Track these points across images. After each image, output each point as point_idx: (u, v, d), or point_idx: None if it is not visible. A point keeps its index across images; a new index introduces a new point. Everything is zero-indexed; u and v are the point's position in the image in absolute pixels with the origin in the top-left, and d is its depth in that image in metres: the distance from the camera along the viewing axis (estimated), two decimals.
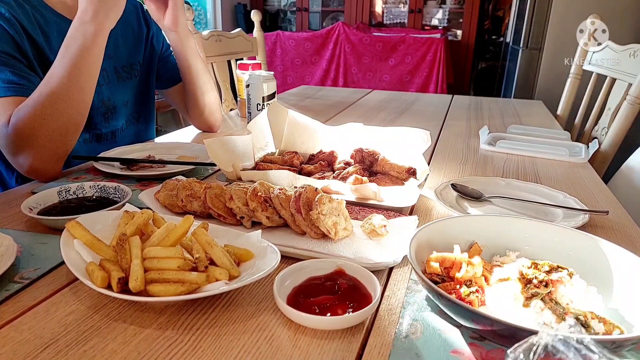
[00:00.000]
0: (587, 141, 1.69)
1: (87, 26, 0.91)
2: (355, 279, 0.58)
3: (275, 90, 1.42)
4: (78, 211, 0.74)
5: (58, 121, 0.92)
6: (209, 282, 0.55)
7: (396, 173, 0.94)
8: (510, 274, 0.56)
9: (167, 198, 0.78)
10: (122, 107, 1.24)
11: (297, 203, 0.71)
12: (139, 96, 1.31)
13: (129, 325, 0.52)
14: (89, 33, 0.91)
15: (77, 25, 0.92)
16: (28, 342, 0.49)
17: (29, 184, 0.96)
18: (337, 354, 0.49)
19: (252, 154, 1.02)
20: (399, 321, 0.54)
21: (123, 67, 1.24)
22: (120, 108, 1.23)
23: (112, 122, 1.22)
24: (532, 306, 0.52)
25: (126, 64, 1.25)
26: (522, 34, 3.11)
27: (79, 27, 0.92)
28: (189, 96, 1.31)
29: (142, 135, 1.35)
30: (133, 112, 1.30)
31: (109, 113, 1.20)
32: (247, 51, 2.23)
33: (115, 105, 1.21)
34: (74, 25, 0.92)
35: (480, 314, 0.48)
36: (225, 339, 0.51)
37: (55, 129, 0.92)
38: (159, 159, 1.06)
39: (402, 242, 0.68)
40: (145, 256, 0.57)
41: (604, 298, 0.54)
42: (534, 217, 0.81)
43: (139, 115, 1.33)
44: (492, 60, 4.94)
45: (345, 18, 5.01)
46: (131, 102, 1.28)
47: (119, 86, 1.23)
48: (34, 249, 0.68)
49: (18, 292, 0.58)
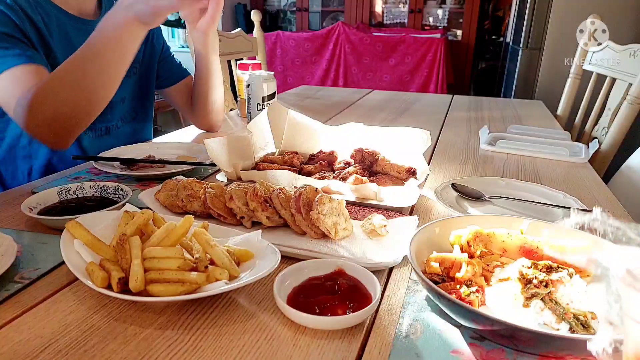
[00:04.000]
0: (587, 141, 1.69)
1: (118, 13, 0.87)
2: (355, 279, 0.58)
3: (275, 90, 1.42)
4: (78, 211, 0.74)
5: (71, 101, 0.90)
6: (209, 282, 0.55)
7: (396, 173, 0.94)
8: (510, 274, 0.56)
9: (167, 198, 0.78)
10: (119, 104, 1.24)
11: (297, 203, 0.71)
12: (137, 94, 1.31)
13: (129, 325, 0.52)
14: (117, 21, 0.87)
15: (114, 9, 0.88)
16: (28, 342, 0.49)
17: (29, 184, 0.97)
18: (337, 354, 0.49)
19: (252, 154, 1.02)
20: (399, 321, 0.54)
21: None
22: (117, 104, 1.23)
23: (107, 116, 1.22)
24: (532, 306, 0.52)
25: None
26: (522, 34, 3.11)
27: (112, 12, 0.88)
28: (199, 95, 1.31)
29: (139, 134, 1.35)
30: (130, 109, 1.30)
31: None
32: (247, 51, 2.23)
33: (111, 101, 1.22)
34: (112, 8, 0.89)
35: (480, 314, 0.48)
36: (225, 339, 0.51)
37: (67, 109, 0.91)
38: (159, 159, 1.06)
39: (402, 242, 0.68)
40: (145, 256, 0.57)
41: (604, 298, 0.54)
42: (534, 217, 0.81)
43: (135, 114, 1.33)
44: (492, 60, 4.94)
45: (345, 18, 5.01)
46: (128, 99, 1.28)
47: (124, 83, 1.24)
48: (34, 249, 0.68)
49: (18, 292, 0.58)
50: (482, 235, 0.62)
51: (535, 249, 0.59)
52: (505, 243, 0.61)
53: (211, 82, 1.28)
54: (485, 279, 0.58)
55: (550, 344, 0.46)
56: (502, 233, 0.62)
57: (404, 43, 4.36)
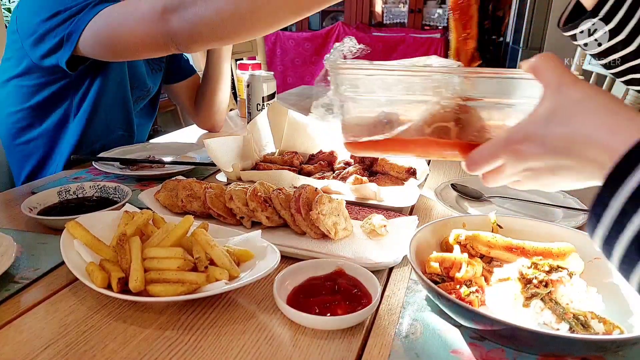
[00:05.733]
0: None
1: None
2: (355, 279, 0.58)
3: (275, 90, 1.42)
4: (78, 211, 0.74)
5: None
6: (209, 282, 0.55)
7: (396, 173, 0.94)
8: (510, 274, 0.56)
9: (167, 198, 0.78)
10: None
11: (297, 203, 0.71)
12: (158, 89, 1.34)
13: (129, 325, 0.52)
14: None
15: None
16: (28, 342, 0.49)
17: (29, 184, 0.97)
18: (337, 354, 0.49)
19: (252, 154, 1.02)
20: (399, 321, 0.54)
21: (153, 59, 1.27)
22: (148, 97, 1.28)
23: (136, 105, 1.25)
24: (532, 306, 0.52)
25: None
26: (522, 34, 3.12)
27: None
28: (205, 94, 1.33)
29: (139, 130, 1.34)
30: (147, 102, 1.33)
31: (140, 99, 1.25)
32: (247, 51, 2.23)
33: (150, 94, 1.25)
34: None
35: (480, 314, 0.48)
36: (225, 339, 0.51)
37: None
38: (158, 159, 1.06)
39: (402, 242, 0.68)
40: (145, 256, 0.57)
41: (604, 298, 0.54)
42: (534, 217, 0.81)
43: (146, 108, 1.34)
44: (492, 60, 4.94)
45: (345, 18, 5.01)
46: (154, 94, 1.32)
47: (154, 77, 1.27)
48: (33, 249, 0.68)
49: (18, 292, 0.58)
50: (468, 237, 0.62)
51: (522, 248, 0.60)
52: (490, 243, 0.62)
53: (220, 84, 1.31)
54: (485, 279, 0.58)
55: (550, 344, 0.46)
56: (486, 234, 0.62)
57: (404, 43, 4.37)
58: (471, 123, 0.51)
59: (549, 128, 0.42)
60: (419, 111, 0.51)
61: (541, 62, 0.45)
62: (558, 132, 0.41)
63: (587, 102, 0.41)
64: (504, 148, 0.46)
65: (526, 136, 0.44)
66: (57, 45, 0.95)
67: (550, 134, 0.42)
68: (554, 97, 0.43)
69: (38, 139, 1.12)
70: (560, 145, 0.42)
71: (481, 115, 0.51)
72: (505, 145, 0.45)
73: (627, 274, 0.37)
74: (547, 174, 0.45)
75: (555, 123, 0.42)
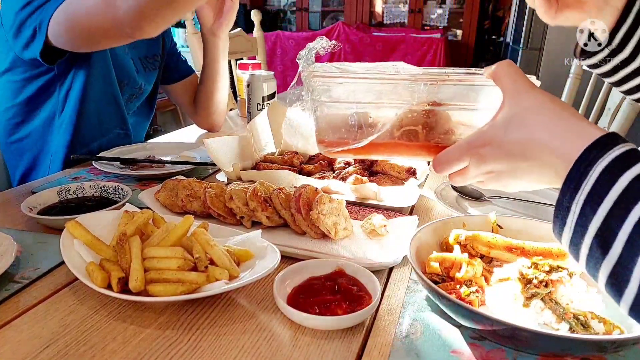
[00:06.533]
0: None
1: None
2: (355, 279, 0.58)
3: (275, 90, 1.42)
4: (78, 211, 0.74)
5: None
6: (209, 282, 0.55)
7: (396, 173, 0.94)
8: (510, 274, 0.56)
9: (167, 198, 0.78)
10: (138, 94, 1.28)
11: (297, 203, 0.71)
12: (154, 88, 1.34)
13: (129, 325, 0.52)
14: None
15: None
16: (28, 342, 0.49)
17: (29, 184, 0.97)
18: (337, 354, 0.49)
19: (252, 154, 1.02)
20: (399, 321, 0.54)
21: (146, 58, 1.27)
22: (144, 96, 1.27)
23: (131, 104, 1.24)
24: (532, 306, 0.52)
25: (148, 54, 1.27)
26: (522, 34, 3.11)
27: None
28: (203, 94, 1.32)
29: (136, 129, 1.34)
30: (144, 101, 1.33)
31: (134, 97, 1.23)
32: (247, 51, 2.23)
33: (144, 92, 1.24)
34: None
35: (480, 314, 0.48)
36: (225, 339, 0.51)
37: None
38: (158, 159, 1.06)
39: (402, 242, 0.68)
40: (145, 256, 0.57)
41: (604, 298, 0.54)
42: (534, 217, 0.81)
43: (143, 107, 1.34)
44: (492, 60, 4.93)
45: (345, 18, 5.01)
46: (145, 92, 1.31)
47: (147, 75, 1.26)
48: (33, 248, 0.68)
49: (18, 292, 0.58)
50: (468, 237, 0.62)
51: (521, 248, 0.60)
52: (490, 243, 0.62)
53: (218, 84, 1.30)
54: (485, 279, 0.58)
55: (550, 344, 0.46)
56: (486, 234, 0.62)
57: (404, 43, 4.37)
58: (438, 126, 0.55)
59: (507, 133, 0.45)
60: (389, 116, 0.54)
61: (500, 70, 0.48)
62: (514, 137, 0.44)
63: (541, 109, 0.44)
64: (467, 151, 0.49)
65: (486, 141, 0.47)
66: (31, 37, 0.94)
67: (507, 139, 0.45)
68: (510, 103, 0.46)
69: (30, 136, 1.12)
70: (516, 150, 0.44)
71: (447, 118, 0.54)
72: (468, 148, 0.49)
73: (594, 272, 0.39)
74: (507, 175, 0.47)
75: (511, 129, 0.45)
